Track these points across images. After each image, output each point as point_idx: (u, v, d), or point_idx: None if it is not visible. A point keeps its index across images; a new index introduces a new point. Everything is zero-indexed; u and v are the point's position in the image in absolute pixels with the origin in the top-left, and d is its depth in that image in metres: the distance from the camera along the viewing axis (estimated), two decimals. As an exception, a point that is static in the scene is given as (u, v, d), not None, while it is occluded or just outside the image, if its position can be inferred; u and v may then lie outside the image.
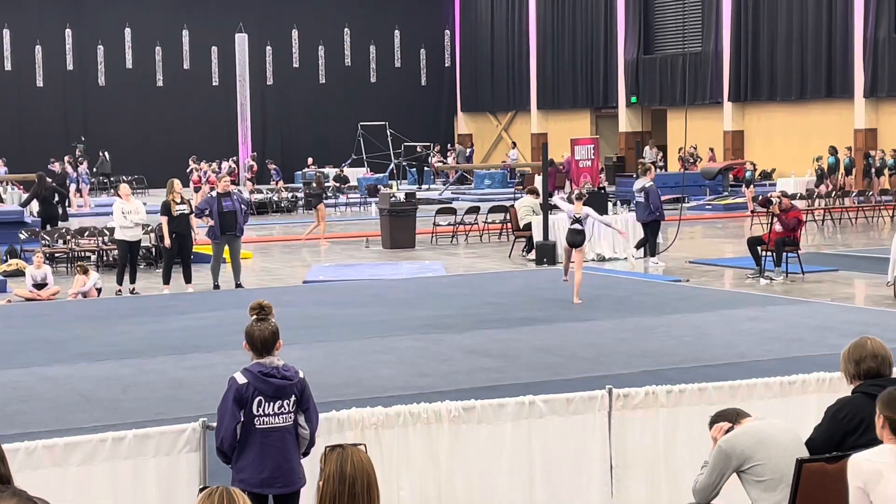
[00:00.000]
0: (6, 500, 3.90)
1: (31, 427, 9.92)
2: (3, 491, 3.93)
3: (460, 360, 13.27)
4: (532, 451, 7.57)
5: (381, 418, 7.29)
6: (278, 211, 37.69)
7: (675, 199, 35.58)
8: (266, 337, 6.70)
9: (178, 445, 6.94)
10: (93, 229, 24.48)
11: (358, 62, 54.54)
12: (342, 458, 4.63)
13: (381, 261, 24.43)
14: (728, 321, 15.68)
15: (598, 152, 27.91)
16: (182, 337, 15.12)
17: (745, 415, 6.69)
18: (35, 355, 13.97)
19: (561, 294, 18.31)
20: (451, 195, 41.76)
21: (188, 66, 51.83)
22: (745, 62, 42.97)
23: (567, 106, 51.18)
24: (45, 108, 49.33)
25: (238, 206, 19.88)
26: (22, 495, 3.94)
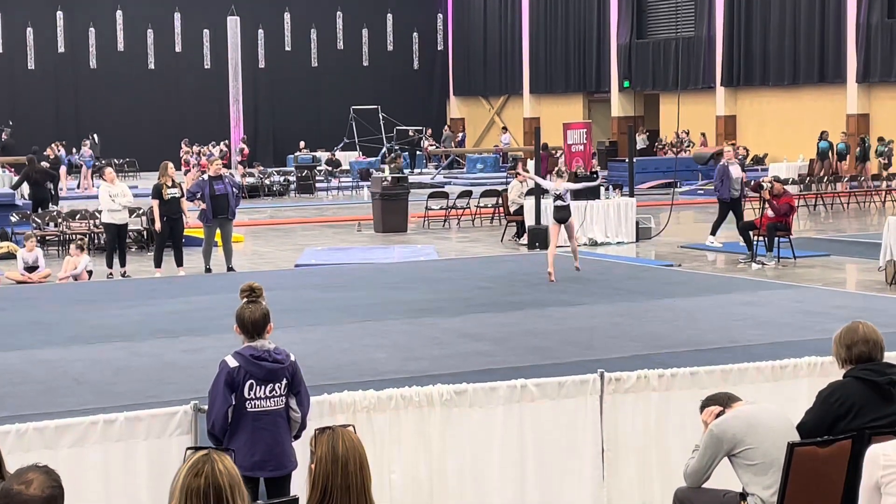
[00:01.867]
0: (38, 476, 3.91)
1: (22, 410, 9.90)
2: (36, 468, 3.94)
3: (452, 344, 13.27)
4: (524, 434, 7.58)
5: (372, 402, 7.28)
6: (270, 195, 37.65)
7: (667, 184, 35.62)
8: (256, 319, 6.68)
9: (170, 428, 6.93)
10: (84, 212, 24.43)
11: (350, 46, 54.44)
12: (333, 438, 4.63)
13: (374, 245, 24.41)
14: (720, 306, 15.69)
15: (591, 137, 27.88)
16: (174, 320, 15.09)
17: (737, 399, 6.69)
18: (26, 338, 13.95)
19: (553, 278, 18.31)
20: (443, 179, 41.73)
21: (180, 50, 51.70)
22: (737, 47, 42.95)
23: (560, 90, 51.14)
24: (37, 92, 49.19)
25: (230, 190, 19.85)
26: (51, 473, 3.96)
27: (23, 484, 3.92)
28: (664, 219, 25.30)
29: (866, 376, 6.45)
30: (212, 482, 3.97)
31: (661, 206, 28.05)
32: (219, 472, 4.01)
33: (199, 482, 3.98)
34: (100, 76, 50.37)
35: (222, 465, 4.03)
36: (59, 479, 4.01)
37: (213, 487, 3.96)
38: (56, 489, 3.96)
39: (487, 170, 44.36)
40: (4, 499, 3.92)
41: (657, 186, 36.23)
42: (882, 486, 5.29)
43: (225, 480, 4.01)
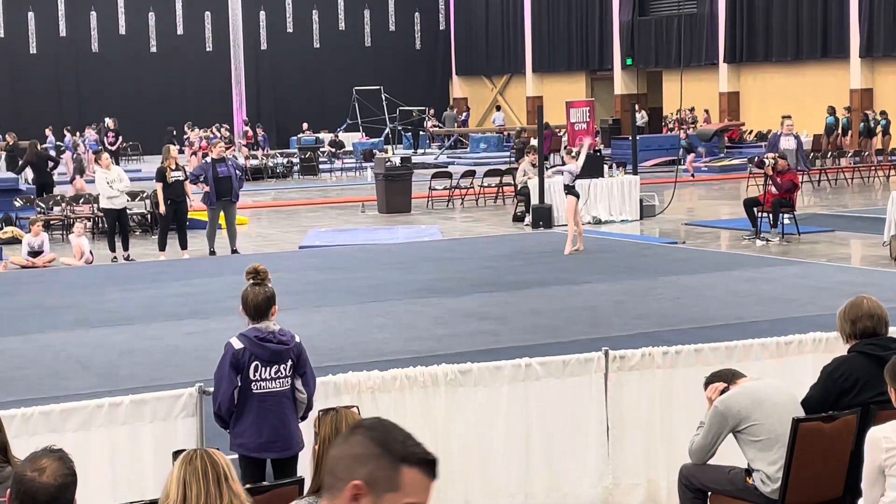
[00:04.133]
0: (52, 463, 3.92)
1: (28, 394, 9.92)
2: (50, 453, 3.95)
3: (457, 324, 13.27)
4: (529, 413, 7.58)
5: (377, 382, 7.29)
6: (273, 177, 37.62)
7: (671, 162, 35.54)
8: (259, 301, 6.68)
9: (175, 411, 6.94)
10: (88, 196, 24.43)
11: (352, 26, 54.32)
12: (336, 420, 4.65)
13: (377, 225, 24.40)
14: (724, 282, 15.68)
15: (594, 115, 27.83)
16: (178, 303, 15.11)
17: (741, 375, 6.69)
18: (31, 322, 13.97)
19: (557, 257, 18.33)
20: (446, 159, 41.69)
21: (181, 32, 51.61)
22: (740, 23, 42.81)
23: (562, 69, 51.03)
24: (39, 75, 49.13)
25: (233, 172, 19.83)
26: (65, 459, 3.97)
27: (36, 471, 3.92)
28: (668, 196, 25.26)
29: (871, 351, 6.45)
30: (209, 462, 4.00)
31: (665, 184, 28.01)
32: (213, 454, 4.03)
33: (196, 465, 4.00)
34: (101, 60, 50.30)
35: (213, 451, 4.06)
36: (73, 465, 4.01)
37: (211, 466, 3.98)
38: (69, 476, 3.96)
39: (491, 149, 44.29)
40: (17, 484, 3.93)
41: (660, 164, 36.16)
42: (886, 469, 5.30)
43: (220, 461, 4.03)
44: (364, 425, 2.75)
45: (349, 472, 2.67)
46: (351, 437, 2.73)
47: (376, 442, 2.70)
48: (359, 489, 2.66)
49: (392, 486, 2.67)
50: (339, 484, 2.68)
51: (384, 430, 2.73)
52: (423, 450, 2.72)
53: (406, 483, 2.68)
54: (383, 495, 2.66)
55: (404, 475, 2.68)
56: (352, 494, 2.66)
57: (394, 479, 2.67)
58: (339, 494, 2.68)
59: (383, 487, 2.66)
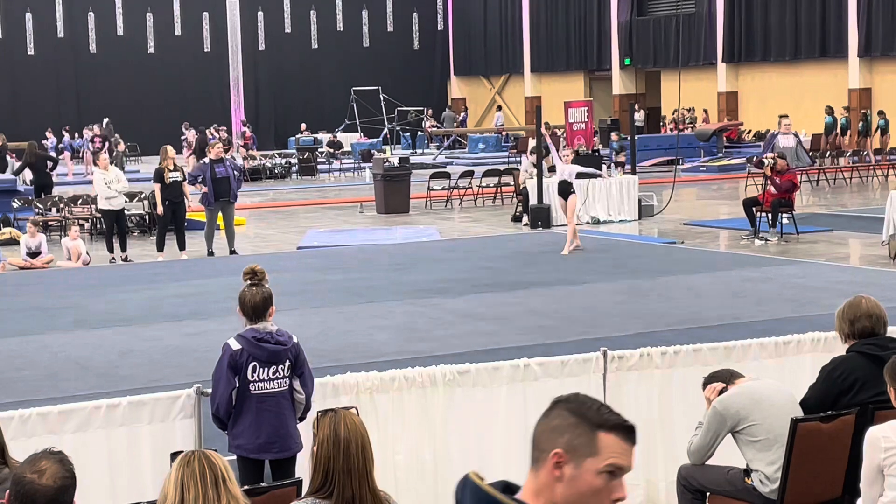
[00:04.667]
0: (51, 465, 3.92)
1: (26, 395, 9.91)
2: (50, 455, 3.95)
3: (455, 325, 13.26)
4: (527, 413, 7.56)
5: (376, 383, 7.28)
6: (272, 177, 37.60)
7: (670, 161, 35.55)
8: (257, 302, 6.68)
9: (173, 412, 6.93)
10: (86, 197, 24.42)
11: (350, 26, 54.33)
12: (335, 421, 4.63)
13: (376, 226, 24.39)
14: (723, 282, 15.68)
15: (592, 115, 27.82)
16: (176, 304, 15.10)
17: (739, 375, 6.69)
18: (30, 323, 13.96)
19: (556, 257, 18.33)
20: (444, 160, 41.68)
21: (179, 33, 51.61)
22: (738, 23, 42.82)
23: (561, 69, 51.03)
24: (37, 77, 49.11)
25: (231, 173, 19.81)
26: (65, 462, 3.97)
27: (36, 473, 3.92)
28: (666, 196, 25.27)
29: (869, 351, 6.45)
30: (206, 464, 3.99)
31: (664, 184, 28.01)
32: (211, 457, 4.03)
33: (194, 467, 3.99)
34: (100, 61, 50.28)
35: (211, 453, 4.06)
36: (73, 467, 4.01)
37: (209, 468, 3.97)
38: (68, 479, 3.96)
39: (489, 149, 44.29)
40: (16, 486, 3.93)
41: (659, 164, 36.17)
42: (885, 469, 5.29)
43: (218, 463, 4.03)
44: (561, 399, 2.93)
45: (550, 442, 2.86)
46: (550, 412, 2.91)
47: (572, 412, 2.87)
48: (560, 456, 2.84)
49: (591, 451, 2.84)
50: (542, 455, 2.87)
51: (579, 401, 2.91)
52: (618, 416, 2.89)
53: (603, 447, 2.84)
54: (583, 460, 2.84)
55: (601, 440, 2.84)
56: (554, 462, 2.85)
57: (592, 445, 2.84)
58: (543, 465, 2.86)
59: (582, 453, 2.84)
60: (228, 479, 3.99)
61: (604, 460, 2.83)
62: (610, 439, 2.84)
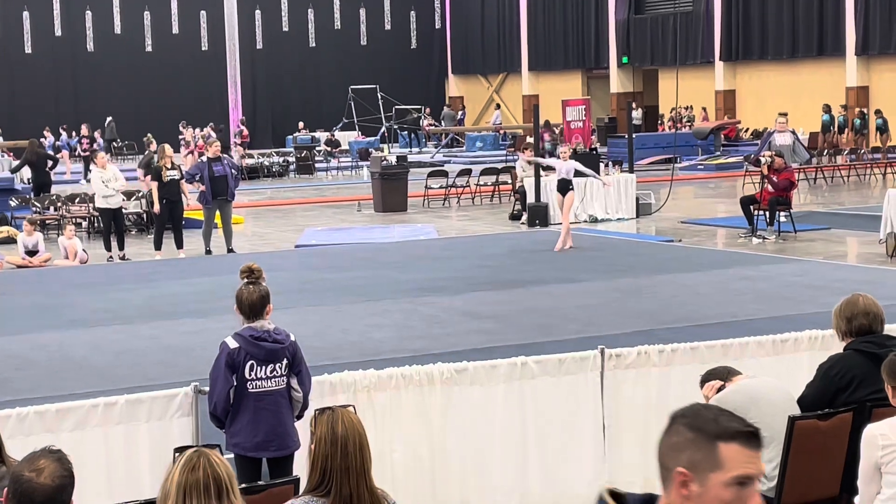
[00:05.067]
0: (50, 464, 3.91)
1: (24, 394, 9.90)
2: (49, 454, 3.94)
3: (452, 323, 13.27)
4: (525, 412, 7.57)
5: (373, 381, 7.28)
6: (269, 176, 37.60)
7: (667, 160, 35.53)
8: (254, 300, 6.68)
9: (171, 410, 6.93)
10: (83, 195, 24.40)
11: (348, 25, 54.31)
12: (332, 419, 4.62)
13: (374, 224, 24.40)
14: (720, 281, 15.68)
15: (590, 113, 27.82)
16: (174, 302, 15.09)
17: (737, 373, 6.69)
18: (27, 322, 13.95)
19: (553, 255, 18.33)
20: (442, 158, 41.67)
21: (177, 31, 51.59)
22: (736, 21, 42.83)
23: (558, 67, 51.03)
24: (35, 75, 49.08)
25: (228, 171, 19.81)
26: (63, 461, 3.96)
27: (34, 471, 3.92)
28: (664, 194, 25.27)
29: (866, 349, 6.45)
30: (210, 474, 3.95)
31: (661, 182, 28.01)
32: (216, 464, 3.99)
33: (198, 475, 3.95)
34: (97, 59, 50.26)
35: (216, 458, 4.02)
36: (71, 466, 4.01)
37: (213, 479, 3.94)
38: (66, 478, 3.96)
39: (487, 148, 44.28)
40: (14, 484, 3.93)
41: (657, 162, 36.18)
42: (882, 466, 5.29)
43: (223, 471, 3.99)
44: (678, 414, 2.83)
45: (673, 460, 2.76)
46: (669, 429, 2.81)
47: (689, 426, 2.76)
48: (684, 475, 2.74)
49: (713, 465, 2.71)
50: (668, 475, 2.78)
51: (695, 413, 2.81)
52: (737, 423, 2.76)
53: (726, 458, 2.71)
54: (707, 476, 2.72)
55: (722, 451, 2.72)
56: (679, 482, 2.75)
57: (713, 458, 2.72)
58: (670, 485, 2.78)
59: (705, 468, 2.72)
60: (232, 491, 3.97)
61: (728, 472, 2.71)
62: (732, 449, 2.71)
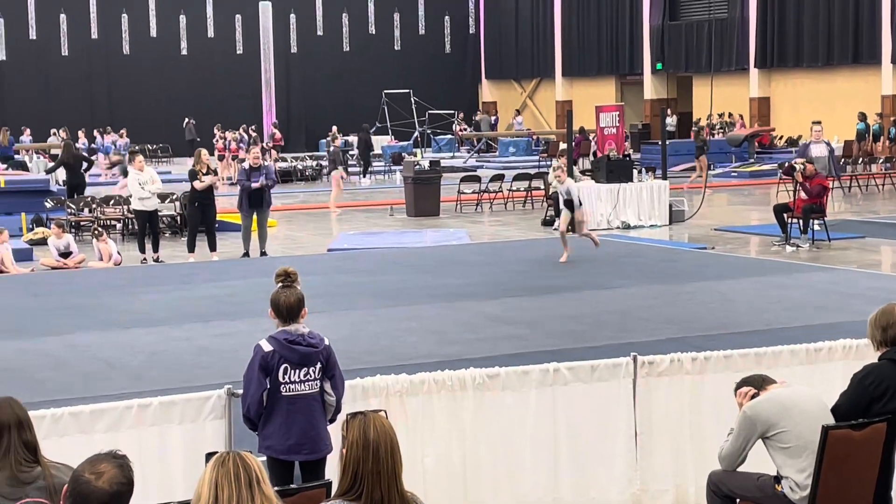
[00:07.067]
0: (111, 469, 3.93)
1: (57, 394, 9.96)
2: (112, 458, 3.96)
3: (485, 328, 13.26)
4: (556, 418, 7.56)
5: (405, 386, 7.29)
6: (302, 179, 37.71)
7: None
8: (291, 304, 6.69)
9: (204, 412, 6.95)
10: (118, 198, 24.53)
11: (382, 29, 54.42)
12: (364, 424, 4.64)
13: (406, 229, 24.42)
14: (754, 288, 15.61)
15: (624, 119, 27.74)
16: (207, 305, 15.15)
17: (771, 381, 6.66)
18: (61, 323, 14.03)
19: (586, 262, 18.29)
20: (475, 163, 41.67)
21: (212, 35, 51.83)
22: (771, 28, 42.67)
23: (592, 73, 50.97)
24: (70, 78, 49.42)
25: (265, 182, 19.74)
26: (125, 468, 3.98)
27: (94, 474, 3.95)
28: (697, 201, 25.18)
29: (902, 359, 6.41)
30: (241, 465, 4.00)
31: (695, 189, 27.93)
32: (245, 458, 4.04)
33: (228, 467, 4.00)
34: (132, 62, 50.55)
35: (246, 454, 4.07)
36: (132, 473, 4.03)
37: (244, 469, 3.98)
38: (125, 485, 3.98)
39: (519, 153, 44.27)
40: (73, 484, 3.97)
41: (690, 169, 36.06)
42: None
43: (253, 464, 4.04)
44: None
45: None
46: None
47: None
48: None
49: None
50: None
51: None
52: None
53: None
54: None
55: None
56: None
57: None
58: None
59: None
60: (262, 481, 4.00)
61: None
62: None
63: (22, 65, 48.93)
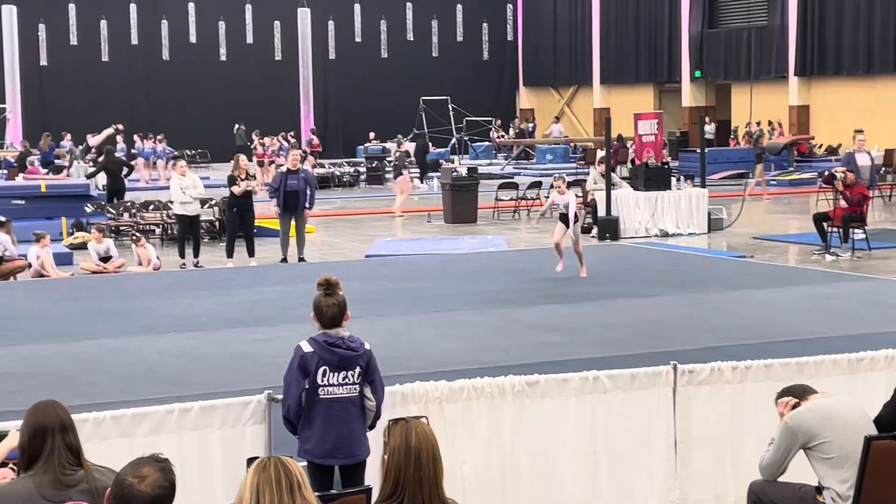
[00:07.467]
0: (154, 473, 3.96)
1: (98, 398, 10.01)
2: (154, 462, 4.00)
3: (523, 335, 13.24)
4: (596, 426, 7.55)
5: (444, 392, 7.30)
6: (340, 185, 37.81)
7: (739, 175, 35.28)
8: (335, 313, 6.74)
9: (244, 417, 6.98)
10: (157, 203, 24.67)
11: (420, 37, 54.49)
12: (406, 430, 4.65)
13: (443, 235, 24.43)
14: (794, 297, 15.52)
15: (662, 127, 27.67)
16: (245, 310, 15.19)
17: (813, 391, 6.63)
18: (101, 327, 14.11)
19: (624, 269, 18.24)
20: (512, 170, 41.65)
21: (251, 41, 52.04)
22: (811, 36, 42.42)
23: (630, 80, 50.84)
24: (110, 83, 49.73)
25: (302, 186, 19.80)
26: (167, 471, 4.01)
27: (137, 477, 3.98)
28: (736, 210, 25.07)
29: (946, 370, 6.36)
30: (282, 470, 4.02)
31: (733, 197, 27.82)
32: (286, 463, 4.06)
33: (270, 472, 4.03)
34: (172, 68, 50.83)
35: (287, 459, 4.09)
36: (174, 477, 4.07)
37: (285, 474, 4.00)
38: (167, 489, 4.02)
39: (557, 160, 44.21)
40: (116, 486, 4.01)
41: (728, 177, 35.92)
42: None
43: (294, 469, 4.05)
44: None
45: None
46: None
47: None
48: None
49: None
50: None
51: None
52: None
53: None
54: None
55: None
56: None
57: None
58: None
59: None
60: (304, 486, 4.02)
61: None
62: None
63: (63, 71, 49.29)
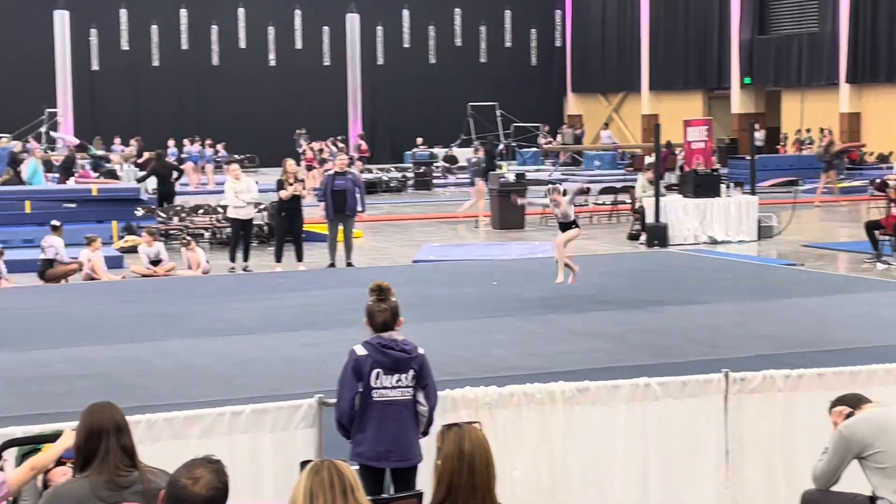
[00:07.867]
0: (207, 474, 3.99)
1: (149, 400, 10.07)
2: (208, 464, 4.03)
3: (572, 341, 13.21)
4: (646, 433, 7.52)
5: (495, 398, 7.30)
6: (388, 191, 37.89)
7: (790, 182, 35.04)
8: (387, 318, 6.82)
9: (295, 421, 7.01)
10: (207, 207, 24.81)
11: (468, 42, 54.50)
12: (460, 436, 4.65)
13: (491, 241, 24.42)
14: (845, 306, 15.40)
15: (712, 134, 27.53)
16: (295, 314, 15.25)
17: (867, 400, 6.57)
18: (153, 330, 14.20)
19: (673, 276, 18.17)
20: (561, 176, 41.56)
21: (300, 46, 52.25)
22: (862, 43, 42.07)
23: (678, 87, 50.59)
24: (160, 87, 50.07)
25: (350, 187, 19.89)
26: (220, 473, 4.03)
27: (190, 479, 4.01)
28: (786, 217, 24.91)
29: None
30: (335, 474, 4.03)
31: (783, 205, 27.64)
32: (340, 466, 4.06)
33: (323, 475, 4.03)
34: (221, 73, 51.11)
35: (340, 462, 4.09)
36: (227, 479, 4.09)
37: (338, 477, 4.01)
38: (220, 490, 4.04)
39: (605, 167, 44.09)
40: (170, 488, 4.04)
41: (779, 184, 35.69)
42: None
43: (347, 472, 4.06)
44: None
45: None
46: None
47: None
48: None
49: None
50: None
51: None
52: None
53: None
54: None
55: None
56: None
57: None
58: None
59: None
60: (356, 490, 4.03)
61: None
62: None
63: (114, 75, 49.67)
